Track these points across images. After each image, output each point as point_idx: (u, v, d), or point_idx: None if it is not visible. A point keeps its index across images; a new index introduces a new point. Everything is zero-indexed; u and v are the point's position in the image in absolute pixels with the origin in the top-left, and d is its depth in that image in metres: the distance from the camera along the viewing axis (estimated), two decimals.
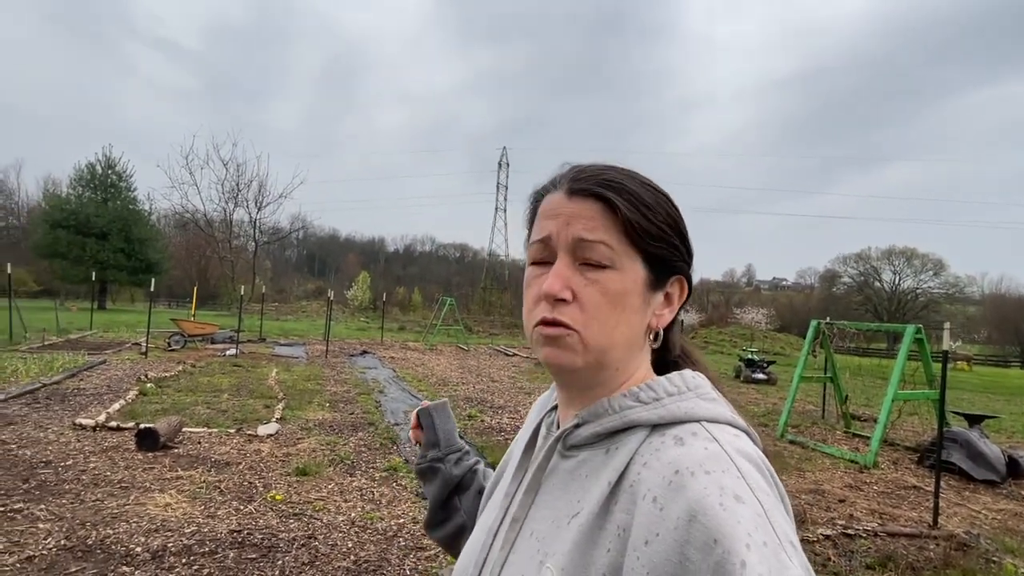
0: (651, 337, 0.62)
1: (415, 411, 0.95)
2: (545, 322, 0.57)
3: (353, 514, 4.13)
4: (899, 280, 54.79)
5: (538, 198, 0.64)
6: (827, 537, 4.20)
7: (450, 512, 0.89)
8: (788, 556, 0.43)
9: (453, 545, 0.89)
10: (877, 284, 55.92)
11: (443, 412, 0.94)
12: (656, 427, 0.55)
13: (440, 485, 0.89)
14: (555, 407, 0.70)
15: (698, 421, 0.54)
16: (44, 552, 3.23)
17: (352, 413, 7.51)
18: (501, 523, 0.63)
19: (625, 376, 0.60)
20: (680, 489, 0.47)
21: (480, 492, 0.89)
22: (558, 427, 0.66)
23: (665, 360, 0.66)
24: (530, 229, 0.64)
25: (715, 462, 0.48)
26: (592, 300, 0.56)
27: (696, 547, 0.43)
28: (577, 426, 0.60)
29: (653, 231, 0.58)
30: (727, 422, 0.55)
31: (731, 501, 0.45)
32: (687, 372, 0.60)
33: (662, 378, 0.59)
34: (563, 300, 0.56)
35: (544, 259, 0.60)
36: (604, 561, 0.49)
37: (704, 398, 0.57)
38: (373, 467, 5.24)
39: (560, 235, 0.58)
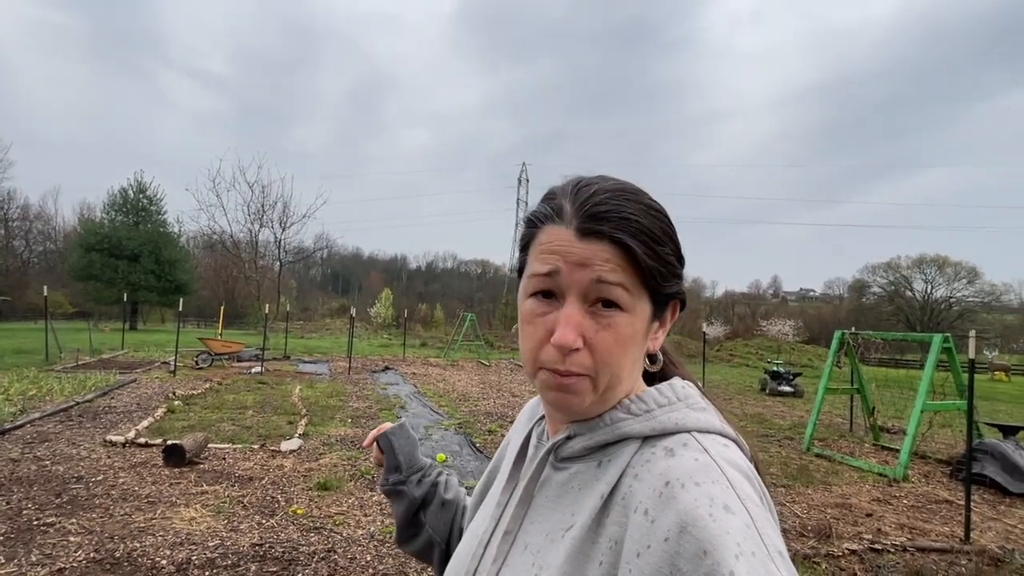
0: (647, 360, 0.61)
1: (375, 437, 0.95)
2: (557, 372, 0.54)
3: (372, 528, 4.16)
4: (931, 289, 53.39)
5: (536, 223, 0.59)
6: (853, 552, 4.10)
7: (418, 528, 0.91)
8: (776, 566, 0.44)
9: (423, 557, 0.93)
10: (908, 294, 54.56)
11: (402, 434, 0.94)
12: (647, 439, 0.55)
13: (405, 506, 0.91)
14: (543, 416, 0.70)
15: (688, 432, 0.54)
16: (74, 565, 3.33)
17: (373, 428, 7.56)
18: (492, 534, 0.63)
19: (621, 396, 0.60)
20: (670, 501, 0.47)
21: (443, 504, 0.92)
22: (548, 438, 0.66)
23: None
24: (525, 253, 0.60)
25: (705, 473, 0.48)
26: (605, 346, 0.54)
27: (686, 558, 0.44)
28: (569, 438, 0.60)
29: (666, 271, 0.56)
30: (717, 432, 0.55)
31: (720, 512, 0.45)
32: (676, 382, 0.60)
33: (652, 389, 0.59)
34: (578, 349, 0.54)
35: (546, 292, 0.56)
36: (597, 574, 0.50)
37: (694, 408, 0.57)
38: None
39: (572, 276, 0.54)
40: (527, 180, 54.93)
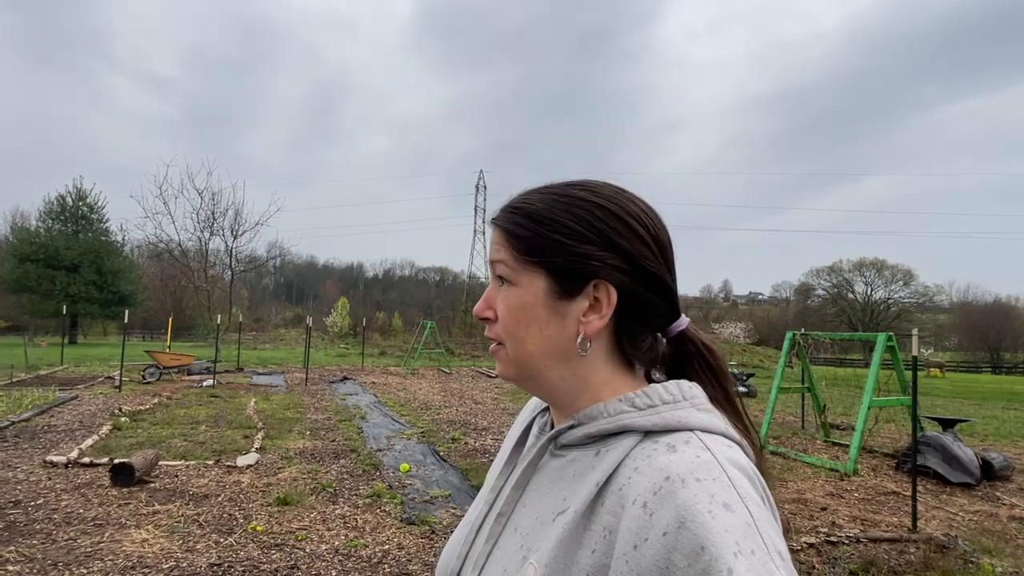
0: (579, 345, 0.60)
1: None
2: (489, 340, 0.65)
3: (336, 542, 4.06)
4: (871, 291, 56.02)
5: None
6: (811, 545, 4.24)
7: None
8: (776, 566, 0.44)
9: None
10: (850, 296, 57.05)
11: None
12: (649, 433, 0.55)
13: None
14: (547, 407, 0.70)
15: (691, 430, 0.54)
16: None
17: (334, 440, 7.40)
18: (486, 517, 0.64)
19: (580, 383, 0.60)
20: (670, 495, 0.47)
21: None
22: (551, 428, 0.67)
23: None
24: None
25: (706, 470, 0.48)
26: (502, 315, 0.62)
27: (683, 554, 0.44)
28: (571, 427, 0.60)
29: (546, 246, 0.59)
30: (721, 433, 0.55)
31: (720, 509, 0.45)
32: (684, 382, 0.60)
33: (658, 386, 0.59)
34: (488, 319, 0.64)
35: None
36: (589, 562, 0.50)
37: (699, 408, 0.57)
38: (356, 494, 5.17)
39: (488, 262, 0.66)
40: (485, 187, 54.92)
